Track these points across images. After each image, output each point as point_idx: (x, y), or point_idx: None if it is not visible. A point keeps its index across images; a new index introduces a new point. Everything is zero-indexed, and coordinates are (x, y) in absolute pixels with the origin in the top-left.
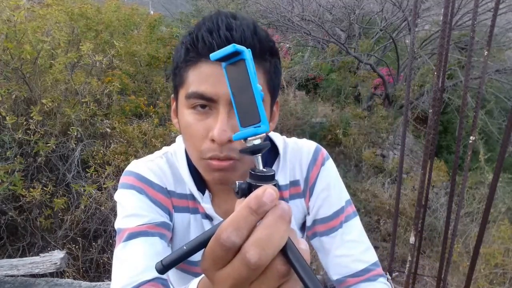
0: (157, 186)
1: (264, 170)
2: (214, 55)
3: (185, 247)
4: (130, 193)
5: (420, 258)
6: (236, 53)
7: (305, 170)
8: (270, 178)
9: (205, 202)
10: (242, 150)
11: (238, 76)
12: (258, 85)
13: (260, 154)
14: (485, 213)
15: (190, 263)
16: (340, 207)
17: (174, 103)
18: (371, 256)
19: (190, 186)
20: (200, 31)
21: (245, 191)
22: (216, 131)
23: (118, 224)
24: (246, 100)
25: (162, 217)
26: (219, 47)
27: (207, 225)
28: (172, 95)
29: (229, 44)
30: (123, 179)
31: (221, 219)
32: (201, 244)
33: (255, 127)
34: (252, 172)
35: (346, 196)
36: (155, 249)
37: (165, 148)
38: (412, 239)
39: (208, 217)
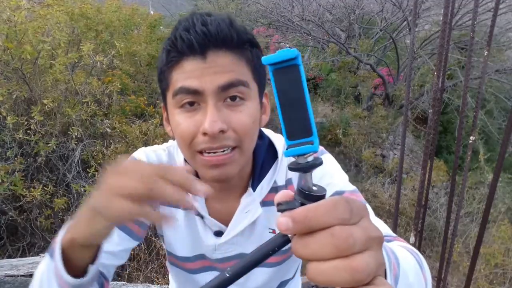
0: None
1: (315, 189)
2: (266, 59)
3: (227, 274)
4: None
5: None
6: (289, 58)
7: None
8: (322, 199)
9: (196, 199)
10: (292, 167)
11: (287, 83)
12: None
13: (311, 172)
14: (485, 213)
15: (178, 258)
16: (333, 192)
17: (165, 112)
18: (387, 230)
19: None
20: (177, 31)
21: (286, 207)
22: (207, 123)
23: None
24: (296, 111)
25: None
26: (198, 42)
27: (199, 222)
28: (162, 104)
29: (207, 38)
30: None
31: (212, 218)
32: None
33: (306, 141)
34: (304, 191)
35: (348, 185)
36: (111, 240)
37: (170, 142)
38: (412, 239)
39: (200, 214)
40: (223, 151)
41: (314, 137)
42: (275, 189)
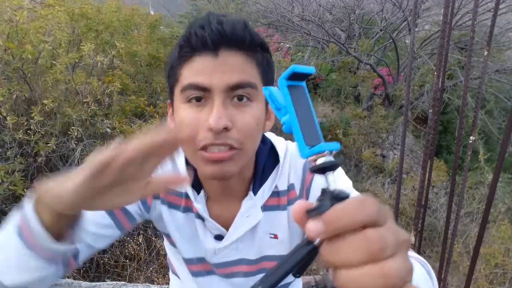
0: None
1: (339, 190)
2: (296, 67)
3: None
4: None
5: None
6: (303, 76)
7: (301, 172)
8: (345, 199)
9: (198, 202)
10: (313, 168)
11: (299, 98)
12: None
13: (332, 172)
14: (485, 213)
15: (184, 260)
16: None
17: (170, 109)
18: None
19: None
20: (192, 28)
21: (320, 210)
22: (212, 119)
23: None
24: (307, 121)
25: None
26: (212, 39)
27: (199, 225)
28: (168, 101)
29: (221, 37)
30: None
31: (213, 221)
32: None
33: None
34: (332, 192)
35: (353, 192)
36: (96, 221)
37: None
38: (412, 239)
39: (200, 217)
40: (225, 148)
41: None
42: (276, 194)
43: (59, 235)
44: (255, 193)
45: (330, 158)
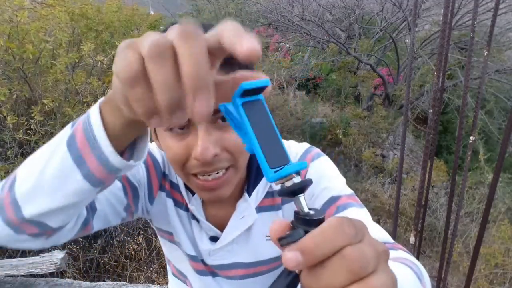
0: (157, 163)
1: (313, 213)
2: (245, 85)
3: None
4: None
5: (420, 258)
6: (259, 90)
7: None
8: (321, 223)
9: (192, 204)
10: (281, 191)
11: (257, 116)
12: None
13: (303, 194)
14: (485, 213)
15: (188, 256)
16: (330, 197)
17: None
18: (387, 237)
19: (180, 185)
20: None
21: (292, 239)
22: (199, 150)
23: None
24: (270, 140)
25: (139, 185)
26: None
27: (195, 226)
28: None
29: None
30: None
31: (208, 223)
32: None
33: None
34: (305, 217)
35: (345, 189)
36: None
37: None
38: (412, 239)
39: (196, 218)
40: (217, 173)
41: (291, 163)
42: (271, 194)
43: (118, 143)
44: (249, 194)
45: (299, 180)
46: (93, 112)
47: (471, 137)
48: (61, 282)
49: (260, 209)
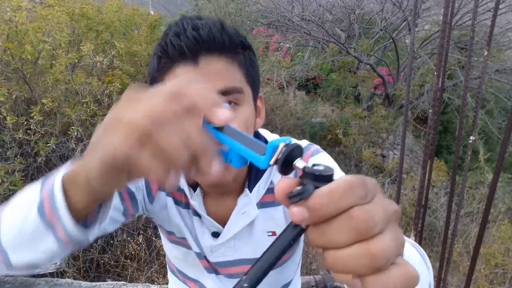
0: None
1: (322, 168)
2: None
3: (245, 284)
4: None
5: None
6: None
7: None
8: (330, 179)
9: (194, 199)
10: (279, 163)
11: (228, 130)
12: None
13: (300, 158)
14: (485, 213)
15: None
16: None
17: None
18: None
19: (180, 182)
20: (168, 37)
21: (302, 196)
22: None
23: None
24: (248, 142)
25: (136, 189)
26: (189, 48)
27: (196, 222)
28: None
29: (198, 44)
30: None
31: (210, 218)
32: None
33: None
34: (314, 173)
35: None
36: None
37: None
38: (412, 239)
39: (197, 214)
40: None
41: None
42: (271, 190)
43: (81, 214)
44: (250, 190)
45: (287, 147)
46: (56, 185)
47: (471, 137)
48: (61, 282)
49: (261, 205)
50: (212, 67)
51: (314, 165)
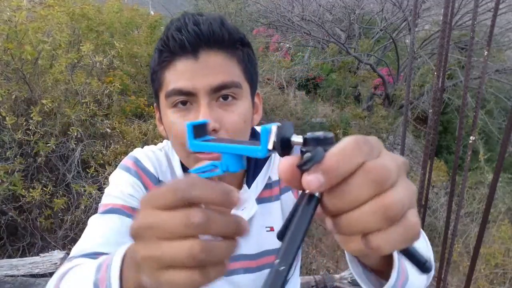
0: (150, 174)
1: (320, 133)
2: (189, 131)
3: (281, 268)
4: (126, 175)
5: None
6: (203, 127)
7: None
8: (332, 142)
9: None
10: (278, 145)
11: (220, 139)
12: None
13: (299, 135)
14: (485, 213)
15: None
16: None
17: (157, 112)
18: None
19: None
20: (169, 31)
21: (316, 160)
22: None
23: (105, 199)
24: (238, 141)
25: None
26: (190, 42)
27: None
28: (155, 104)
29: (199, 38)
30: (123, 161)
31: None
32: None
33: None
34: (319, 137)
35: None
36: (125, 228)
37: (164, 142)
38: None
39: None
40: None
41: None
42: (269, 185)
43: None
44: (249, 186)
45: (279, 127)
46: (114, 275)
47: (471, 137)
48: None
49: (260, 200)
50: (211, 61)
51: (311, 133)
